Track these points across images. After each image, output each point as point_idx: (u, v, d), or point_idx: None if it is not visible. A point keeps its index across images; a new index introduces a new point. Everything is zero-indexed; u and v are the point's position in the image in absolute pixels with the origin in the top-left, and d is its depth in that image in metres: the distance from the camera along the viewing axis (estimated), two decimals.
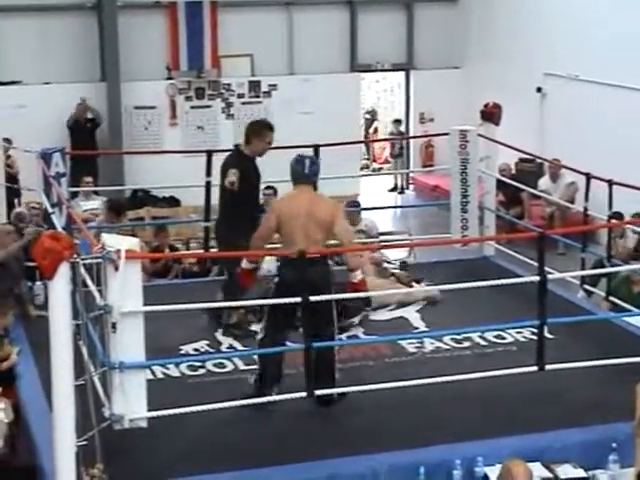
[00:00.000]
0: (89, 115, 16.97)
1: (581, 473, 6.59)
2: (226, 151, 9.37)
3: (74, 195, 12.79)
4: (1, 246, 9.39)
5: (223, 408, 6.54)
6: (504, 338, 8.61)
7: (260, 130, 8.91)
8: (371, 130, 22.70)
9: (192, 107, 17.97)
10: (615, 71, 14.87)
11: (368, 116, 22.64)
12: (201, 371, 7.95)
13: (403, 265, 10.51)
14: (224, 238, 8.79)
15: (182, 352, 8.23)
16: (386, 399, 7.04)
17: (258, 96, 18.24)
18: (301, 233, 7.16)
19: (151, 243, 11.73)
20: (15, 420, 7.44)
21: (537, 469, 6.36)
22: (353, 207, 12.68)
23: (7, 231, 9.54)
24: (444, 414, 7.16)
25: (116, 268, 5.94)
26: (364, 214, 12.72)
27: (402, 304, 9.43)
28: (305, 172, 7.39)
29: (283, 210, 7.30)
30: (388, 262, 10.82)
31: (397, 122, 20.11)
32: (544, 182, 15.23)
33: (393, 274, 10.07)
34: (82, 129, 16.81)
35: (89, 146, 16.54)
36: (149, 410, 6.22)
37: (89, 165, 15.55)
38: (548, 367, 7.03)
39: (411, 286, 9.70)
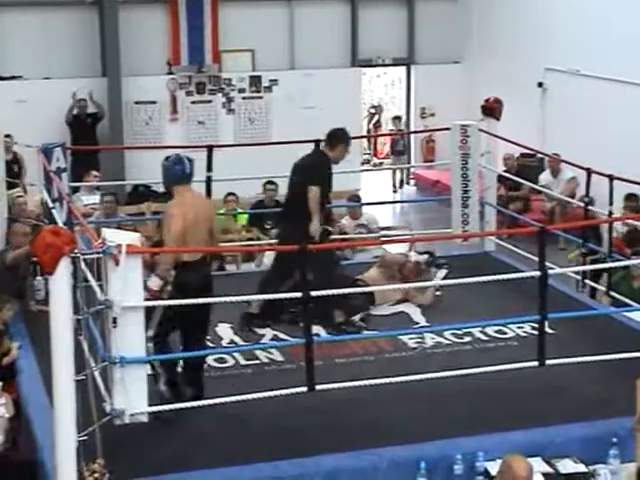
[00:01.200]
0: (90, 110, 16.95)
1: (582, 468, 6.59)
2: (226, 146, 9.36)
3: (75, 190, 12.79)
4: (17, 246, 9.37)
5: (223, 403, 6.53)
6: (505, 333, 8.61)
7: (348, 139, 9.08)
8: (371, 124, 22.65)
9: (193, 102, 17.96)
10: (616, 66, 14.86)
11: (373, 110, 22.59)
12: None
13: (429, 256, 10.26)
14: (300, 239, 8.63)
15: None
16: (387, 394, 7.04)
17: (259, 91, 18.23)
18: (206, 235, 7.19)
19: (152, 238, 11.71)
20: (16, 415, 7.46)
21: (538, 464, 6.37)
22: (354, 201, 12.70)
23: (24, 232, 9.51)
24: (445, 409, 7.16)
25: (117, 263, 5.94)
26: (365, 209, 12.74)
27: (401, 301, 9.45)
28: (187, 172, 7.25)
29: (188, 216, 7.01)
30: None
31: (397, 119, 20.01)
32: (544, 177, 15.23)
33: (403, 265, 9.85)
34: (82, 124, 16.79)
35: (90, 141, 16.51)
36: (150, 405, 6.23)
37: (90, 160, 15.56)
38: (549, 362, 7.03)
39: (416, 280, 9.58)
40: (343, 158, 9.04)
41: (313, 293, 6.51)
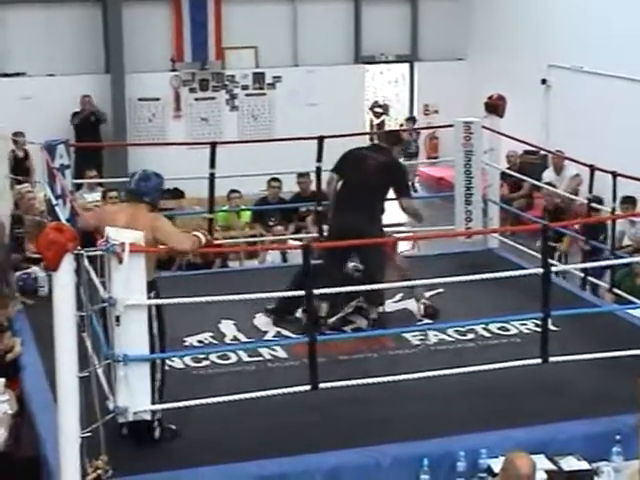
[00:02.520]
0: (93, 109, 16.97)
1: (585, 465, 6.58)
2: (230, 143, 9.36)
3: (78, 187, 12.81)
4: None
5: (227, 400, 6.54)
6: (508, 330, 8.60)
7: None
8: (375, 123, 22.59)
9: (196, 99, 17.97)
10: (620, 63, 14.85)
11: (379, 110, 22.48)
12: (205, 363, 7.96)
13: None
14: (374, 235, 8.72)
15: (186, 344, 8.24)
16: (390, 391, 7.04)
17: (262, 88, 18.23)
18: None
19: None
20: (19, 411, 7.47)
21: (541, 461, 6.35)
22: None
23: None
24: (448, 406, 7.16)
25: (120, 261, 5.95)
26: None
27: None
28: (130, 187, 6.75)
29: (103, 223, 6.58)
30: None
31: (411, 120, 19.74)
32: (548, 175, 15.21)
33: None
34: (86, 122, 16.81)
35: (93, 140, 16.53)
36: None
37: (94, 158, 15.60)
38: (552, 359, 7.03)
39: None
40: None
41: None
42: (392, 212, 9.42)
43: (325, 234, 9.40)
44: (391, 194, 8.95)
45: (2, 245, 9.17)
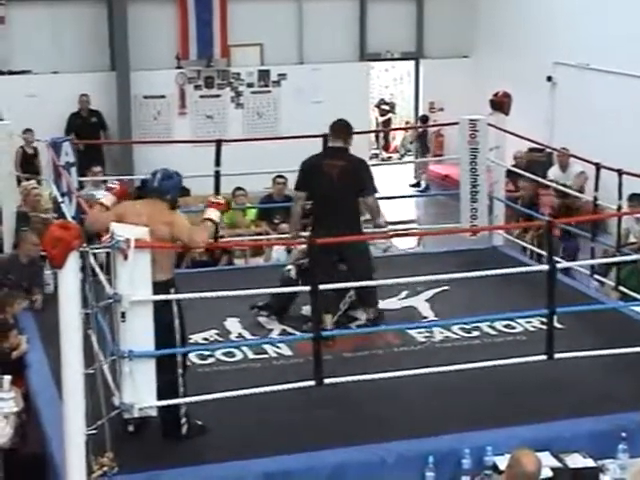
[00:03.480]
0: (92, 107, 16.97)
1: (590, 463, 6.57)
2: (235, 141, 9.36)
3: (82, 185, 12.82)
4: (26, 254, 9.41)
5: (231, 397, 6.54)
6: (513, 327, 8.60)
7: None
8: (380, 120, 22.60)
9: (201, 96, 17.97)
10: (626, 60, 14.83)
11: (386, 107, 22.51)
12: (210, 360, 7.96)
13: None
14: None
15: (191, 341, 8.24)
16: (395, 388, 7.04)
17: (267, 85, 18.23)
18: None
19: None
20: (25, 409, 7.48)
21: (546, 459, 6.35)
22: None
23: (33, 242, 9.50)
24: (453, 403, 7.16)
25: (125, 257, 5.95)
26: None
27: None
28: (153, 185, 6.79)
29: (125, 220, 6.59)
30: None
31: (424, 118, 19.64)
32: (553, 172, 15.17)
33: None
34: (84, 122, 16.80)
35: (93, 138, 16.52)
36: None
37: (95, 155, 15.63)
38: (557, 356, 7.02)
39: None
40: None
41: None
42: (399, 209, 9.41)
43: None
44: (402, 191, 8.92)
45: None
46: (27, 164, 14.51)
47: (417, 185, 19.64)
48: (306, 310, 8.52)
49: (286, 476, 6.36)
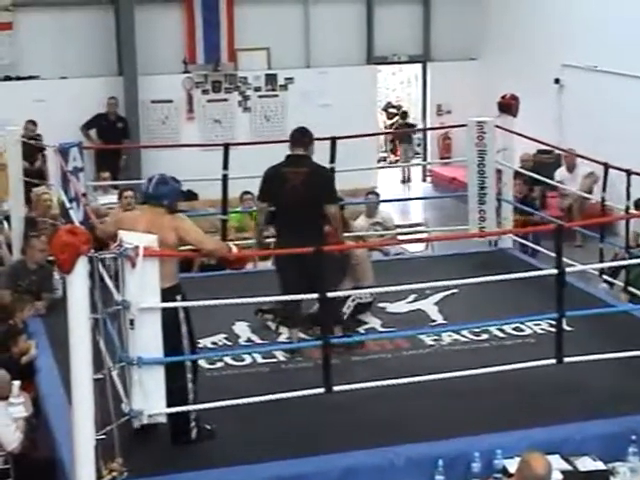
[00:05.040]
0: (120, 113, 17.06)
1: (600, 465, 6.56)
2: (243, 144, 9.34)
3: (96, 189, 12.90)
4: (33, 260, 9.42)
5: (241, 403, 6.54)
6: (522, 330, 8.59)
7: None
8: (388, 124, 22.59)
9: (209, 100, 17.97)
10: (633, 62, 14.80)
11: (394, 110, 22.51)
12: (219, 364, 7.96)
13: None
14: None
15: (200, 346, 8.23)
16: (404, 392, 7.03)
17: (275, 89, 18.23)
18: None
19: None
20: (35, 414, 7.49)
21: (556, 462, 6.34)
22: (371, 198, 12.66)
23: (41, 248, 9.52)
24: (462, 407, 7.15)
25: (133, 265, 5.95)
26: (381, 207, 12.72)
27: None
28: (148, 191, 6.79)
29: (123, 228, 6.53)
30: None
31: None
32: (560, 174, 15.13)
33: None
34: (110, 125, 16.87)
35: (117, 143, 16.61)
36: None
37: (113, 160, 15.81)
38: (567, 359, 7.01)
39: None
40: None
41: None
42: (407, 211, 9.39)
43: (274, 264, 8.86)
44: (409, 193, 8.89)
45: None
46: (38, 172, 14.52)
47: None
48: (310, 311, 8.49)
49: None
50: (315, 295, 6.66)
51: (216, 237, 10.24)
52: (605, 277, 10.21)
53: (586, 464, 6.56)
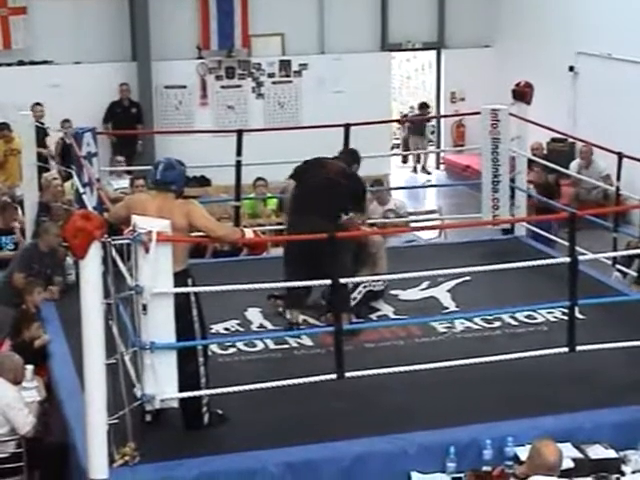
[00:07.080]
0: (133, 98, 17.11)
1: (612, 454, 6.56)
2: (256, 130, 9.33)
3: (111, 174, 12.96)
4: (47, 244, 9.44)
5: (253, 389, 6.55)
6: (535, 318, 8.58)
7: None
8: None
9: (222, 86, 17.96)
10: None
11: (416, 107, 22.33)
12: (231, 350, 7.98)
13: None
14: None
15: (212, 331, 8.25)
16: (416, 379, 7.03)
17: (289, 75, 18.20)
18: None
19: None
20: (47, 398, 7.53)
21: (567, 449, 6.34)
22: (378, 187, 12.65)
23: (55, 233, 9.53)
24: (474, 394, 7.15)
25: (147, 250, 5.96)
26: (394, 194, 12.72)
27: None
28: (156, 178, 6.77)
29: (134, 212, 6.54)
30: None
31: (424, 106, 19.78)
32: (575, 167, 15.00)
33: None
34: (124, 111, 16.90)
35: (131, 129, 16.67)
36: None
37: (129, 145, 15.99)
38: (579, 348, 7.00)
39: None
40: None
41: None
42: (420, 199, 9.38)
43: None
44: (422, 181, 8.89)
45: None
46: (66, 155, 14.56)
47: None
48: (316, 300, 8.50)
49: (307, 466, 6.37)
50: (327, 281, 6.66)
51: (229, 223, 10.28)
52: (618, 266, 10.18)
53: (597, 452, 6.56)
